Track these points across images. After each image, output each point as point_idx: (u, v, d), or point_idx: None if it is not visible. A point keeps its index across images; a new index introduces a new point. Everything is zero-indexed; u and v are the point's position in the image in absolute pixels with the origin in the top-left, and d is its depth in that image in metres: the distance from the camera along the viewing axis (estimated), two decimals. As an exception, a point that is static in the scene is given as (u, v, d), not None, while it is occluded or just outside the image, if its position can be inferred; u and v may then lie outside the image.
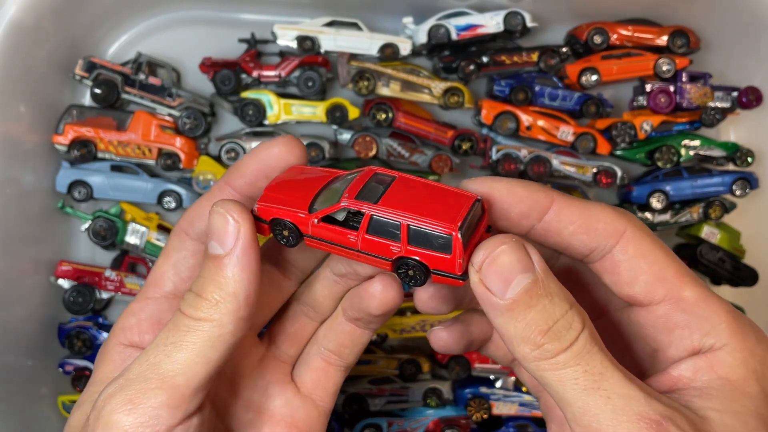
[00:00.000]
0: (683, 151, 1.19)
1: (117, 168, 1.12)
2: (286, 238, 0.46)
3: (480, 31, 1.13)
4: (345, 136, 1.14)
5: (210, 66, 1.12)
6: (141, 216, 1.12)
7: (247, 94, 1.13)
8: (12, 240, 1.00)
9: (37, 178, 1.07)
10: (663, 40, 1.16)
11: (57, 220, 1.11)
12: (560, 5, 1.16)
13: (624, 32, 1.16)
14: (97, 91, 1.09)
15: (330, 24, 1.13)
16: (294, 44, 1.11)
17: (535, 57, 1.16)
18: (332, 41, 1.12)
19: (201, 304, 0.43)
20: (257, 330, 0.57)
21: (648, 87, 1.17)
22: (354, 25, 1.13)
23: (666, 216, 1.19)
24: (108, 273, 1.11)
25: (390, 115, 1.14)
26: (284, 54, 1.15)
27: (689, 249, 1.21)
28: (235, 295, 0.43)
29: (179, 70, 1.15)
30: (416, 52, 1.16)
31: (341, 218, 0.45)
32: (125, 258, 1.13)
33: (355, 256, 0.46)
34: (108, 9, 1.08)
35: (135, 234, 1.10)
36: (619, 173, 1.18)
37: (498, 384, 1.17)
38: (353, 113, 1.13)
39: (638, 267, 0.45)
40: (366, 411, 1.11)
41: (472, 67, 1.14)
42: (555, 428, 0.54)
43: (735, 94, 1.17)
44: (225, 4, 1.14)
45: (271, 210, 0.46)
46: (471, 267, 0.42)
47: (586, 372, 0.40)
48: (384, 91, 1.14)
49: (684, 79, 1.17)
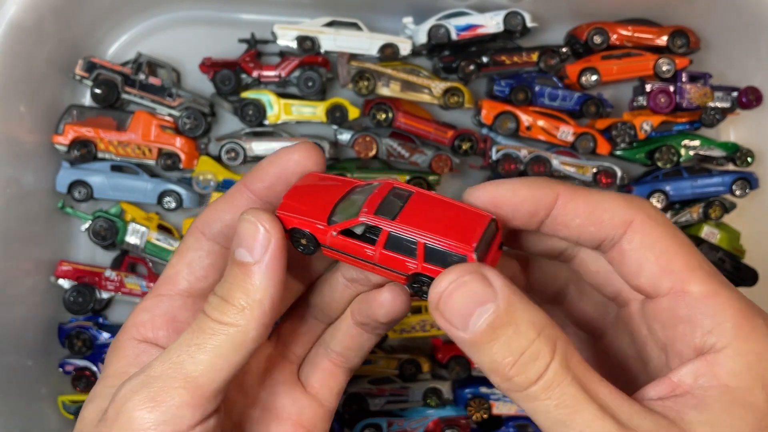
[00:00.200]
0: (683, 151, 1.19)
1: (117, 168, 1.12)
2: (304, 247, 0.48)
3: (480, 31, 1.13)
4: (345, 136, 1.14)
5: (210, 66, 1.12)
6: (141, 216, 1.12)
7: (247, 94, 1.13)
8: (12, 240, 1.00)
9: (37, 178, 1.07)
10: (663, 40, 1.16)
11: (57, 220, 1.11)
12: (560, 5, 1.16)
13: (624, 32, 1.16)
14: (97, 91, 1.09)
15: (330, 24, 1.13)
16: (294, 44, 1.12)
17: (535, 57, 1.16)
18: (332, 41, 1.12)
19: (227, 309, 0.44)
20: None
21: (648, 87, 1.17)
22: (354, 25, 1.13)
23: (666, 216, 1.19)
24: (108, 273, 1.11)
25: (390, 115, 1.14)
26: (284, 54, 1.15)
27: (689, 249, 1.22)
28: (261, 303, 0.44)
29: (179, 70, 1.15)
30: (416, 52, 1.16)
31: (359, 232, 0.46)
32: (125, 258, 1.13)
33: (371, 269, 0.47)
34: (108, 9, 1.08)
35: (135, 234, 1.10)
36: (619, 173, 1.18)
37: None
38: (353, 113, 1.14)
39: (644, 258, 0.44)
40: (366, 411, 1.11)
41: (472, 67, 1.14)
42: None
43: (735, 94, 1.17)
44: (225, 4, 1.14)
45: (291, 219, 0.47)
46: (429, 302, 0.42)
47: (557, 406, 0.38)
48: (384, 91, 1.14)
49: (684, 79, 1.17)
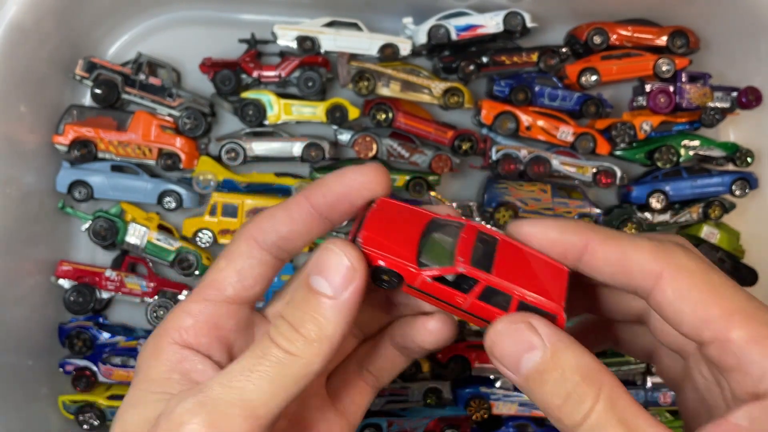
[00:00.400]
0: (683, 152, 1.19)
1: (117, 168, 1.12)
2: (386, 282, 0.47)
3: (480, 32, 1.13)
4: (345, 137, 1.14)
5: (210, 66, 1.12)
6: (141, 216, 1.12)
7: (247, 95, 1.13)
8: (12, 240, 1.00)
9: (38, 179, 1.07)
10: (662, 41, 1.16)
11: (57, 220, 1.11)
12: (560, 5, 1.16)
13: (624, 32, 1.16)
14: (98, 92, 1.09)
15: (330, 24, 1.13)
16: (294, 44, 1.12)
17: (535, 57, 1.16)
18: (332, 41, 1.12)
19: (296, 339, 0.42)
20: None
21: (648, 87, 1.17)
22: (354, 26, 1.13)
23: (666, 216, 1.19)
24: (108, 273, 1.11)
25: (390, 116, 1.14)
26: (284, 54, 1.15)
27: (689, 249, 1.22)
28: (331, 339, 0.43)
29: (179, 71, 1.15)
30: (416, 53, 1.16)
31: (450, 278, 0.46)
32: (125, 258, 1.13)
33: (457, 313, 0.47)
34: (108, 9, 1.08)
35: (135, 234, 1.10)
36: (619, 173, 1.18)
37: (498, 384, 1.17)
38: (353, 113, 1.14)
39: (680, 310, 0.43)
40: (366, 411, 1.11)
41: (472, 68, 1.15)
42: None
43: (734, 95, 1.17)
44: (225, 5, 1.14)
45: (378, 256, 0.45)
46: (485, 346, 0.44)
47: None
48: (384, 92, 1.14)
49: (683, 80, 1.17)
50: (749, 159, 1.19)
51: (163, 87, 1.12)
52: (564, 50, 1.17)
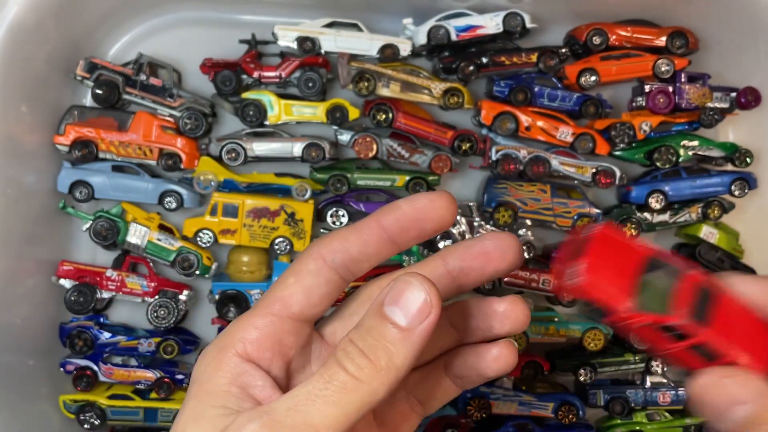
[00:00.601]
0: (682, 152, 1.19)
1: (118, 168, 1.13)
2: (591, 311, 0.48)
3: (479, 32, 1.13)
4: (345, 137, 1.15)
5: (211, 67, 1.12)
6: (142, 216, 1.12)
7: (248, 95, 1.13)
8: (13, 240, 1.01)
9: (39, 179, 1.07)
10: (662, 41, 1.17)
11: (58, 220, 1.11)
12: (559, 6, 1.17)
13: (623, 33, 1.17)
14: (99, 92, 1.09)
15: (330, 25, 1.13)
16: (294, 45, 1.12)
17: (535, 58, 1.16)
18: (332, 42, 1.13)
19: (365, 366, 0.42)
20: None
21: (647, 87, 1.18)
22: (354, 26, 1.14)
23: (665, 216, 1.20)
24: (109, 273, 1.12)
25: (390, 116, 1.14)
26: (285, 55, 1.15)
27: (688, 249, 1.22)
28: (399, 370, 0.42)
29: (180, 71, 1.15)
30: (416, 53, 1.17)
31: None
32: (126, 258, 1.14)
33: (662, 354, 0.48)
34: (109, 10, 1.09)
35: (136, 234, 1.11)
36: (618, 173, 1.18)
37: (497, 383, 1.17)
38: (353, 114, 1.14)
39: None
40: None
41: (472, 68, 1.15)
42: None
43: (733, 95, 1.17)
44: (226, 5, 1.14)
45: (596, 290, 0.46)
46: (692, 393, 0.46)
47: None
48: (384, 92, 1.15)
49: (683, 80, 1.17)
50: (748, 159, 1.19)
51: (164, 87, 1.12)
52: (563, 51, 1.17)
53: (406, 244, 0.49)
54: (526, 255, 1.16)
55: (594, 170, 1.18)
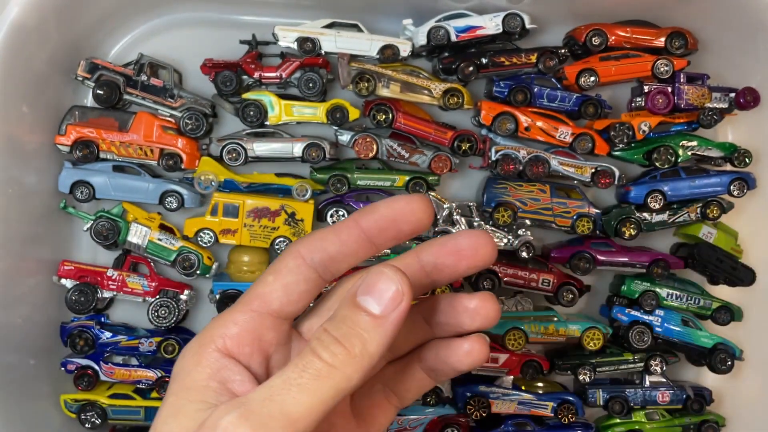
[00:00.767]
0: (681, 152, 1.19)
1: (119, 168, 1.13)
2: None
3: (479, 33, 1.14)
4: (345, 137, 1.15)
5: (211, 67, 1.12)
6: (143, 216, 1.13)
7: (249, 95, 1.14)
8: (14, 240, 1.01)
9: (40, 179, 1.08)
10: (661, 42, 1.17)
11: (59, 220, 1.12)
12: (559, 7, 1.17)
13: (622, 33, 1.17)
14: (99, 92, 1.10)
15: (330, 26, 1.14)
16: (295, 46, 1.12)
17: (534, 58, 1.16)
18: (333, 43, 1.13)
19: (339, 353, 0.43)
20: None
21: (646, 88, 1.18)
22: (354, 27, 1.14)
23: (664, 216, 1.20)
24: (110, 272, 1.12)
25: (390, 116, 1.15)
26: (285, 55, 1.16)
27: (687, 249, 1.22)
28: (372, 356, 0.44)
29: (181, 72, 1.16)
30: (416, 54, 1.17)
31: None
32: (127, 258, 1.14)
33: None
34: (110, 10, 1.09)
35: (137, 234, 1.11)
36: (617, 174, 1.18)
37: (497, 382, 1.17)
38: (353, 114, 1.14)
39: None
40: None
41: (472, 69, 1.15)
42: None
43: (732, 95, 1.18)
44: (226, 6, 1.14)
45: None
46: None
47: None
48: (384, 92, 1.15)
49: (682, 80, 1.18)
50: (747, 159, 1.19)
51: (165, 88, 1.12)
52: (563, 51, 1.17)
53: (384, 245, 0.50)
54: (525, 255, 1.16)
55: (593, 170, 1.18)
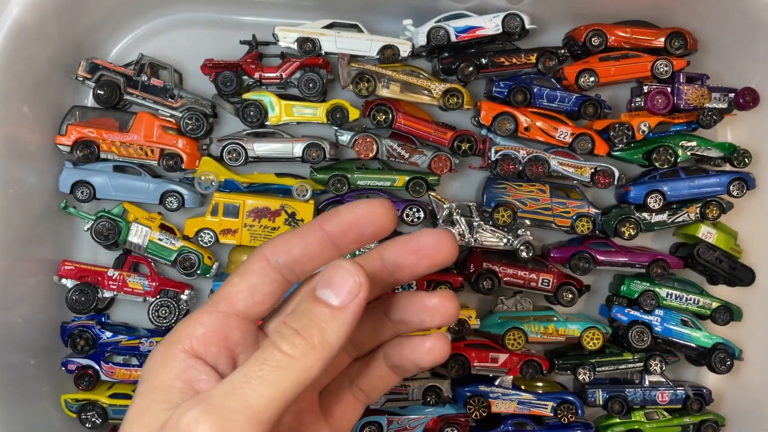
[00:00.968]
0: (680, 152, 1.19)
1: (119, 168, 1.13)
2: None
3: (479, 33, 1.14)
4: (345, 137, 1.15)
5: (212, 67, 1.12)
6: (143, 216, 1.13)
7: (249, 96, 1.14)
8: (15, 240, 1.01)
9: (40, 179, 1.08)
10: (660, 42, 1.17)
11: (60, 220, 1.12)
12: (559, 7, 1.17)
13: (622, 34, 1.17)
14: (100, 93, 1.10)
15: (331, 26, 1.14)
16: (295, 46, 1.12)
17: (534, 58, 1.16)
18: (333, 43, 1.13)
19: (299, 343, 0.44)
20: None
21: (645, 88, 1.18)
22: (354, 27, 1.14)
23: (663, 216, 1.20)
24: (111, 272, 1.12)
25: (390, 116, 1.15)
26: (285, 56, 1.16)
27: (687, 249, 1.22)
28: (332, 346, 0.45)
29: (181, 72, 1.16)
30: (416, 54, 1.17)
31: None
32: (128, 257, 1.14)
33: None
34: (110, 11, 1.09)
35: (137, 234, 1.11)
36: (617, 174, 1.18)
37: (497, 382, 1.18)
38: (353, 114, 1.14)
39: None
40: (366, 409, 1.12)
41: (471, 69, 1.15)
42: None
43: (732, 95, 1.18)
44: (227, 6, 1.15)
45: None
46: None
47: None
48: (384, 93, 1.15)
49: (681, 81, 1.18)
50: (747, 159, 1.19)
51: (165, 88, 1.13)
52: (562, 52, 1.18)
53: (347, 247, 0.51)
54: (525, 255, 1.16)
55: (593, 170, 1.18)
